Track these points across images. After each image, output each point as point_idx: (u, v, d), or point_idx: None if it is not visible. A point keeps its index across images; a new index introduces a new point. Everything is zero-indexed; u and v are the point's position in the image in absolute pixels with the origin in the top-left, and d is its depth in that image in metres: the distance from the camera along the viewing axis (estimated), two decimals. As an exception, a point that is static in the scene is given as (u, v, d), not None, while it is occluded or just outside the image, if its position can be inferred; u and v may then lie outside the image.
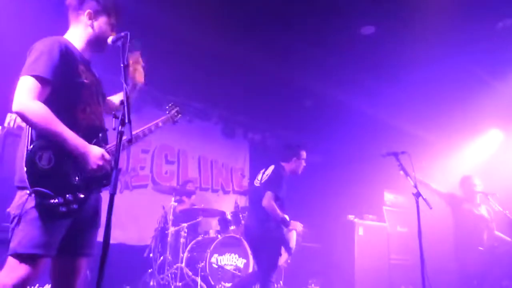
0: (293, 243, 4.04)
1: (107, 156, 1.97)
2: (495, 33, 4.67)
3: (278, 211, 3.92)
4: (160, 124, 2.52)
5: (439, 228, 5.48)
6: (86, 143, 1.95)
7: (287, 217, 3.95)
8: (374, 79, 5.75)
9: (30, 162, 1.82)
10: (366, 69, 5.54)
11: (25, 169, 1.81)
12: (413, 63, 5.25)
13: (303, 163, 4.35)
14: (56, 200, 1.83)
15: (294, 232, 4.05)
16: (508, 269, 4.99)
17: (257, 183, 4.25)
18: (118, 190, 1.92)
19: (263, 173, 4.24)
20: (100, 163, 1.93)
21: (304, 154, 4.34)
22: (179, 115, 2.80)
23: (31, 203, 1.84)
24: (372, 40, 4.87)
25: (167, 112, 2.74)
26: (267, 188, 3.97)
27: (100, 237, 1.82)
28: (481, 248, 4.96)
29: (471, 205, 5.18)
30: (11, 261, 1.81)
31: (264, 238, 3.93)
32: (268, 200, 3.89)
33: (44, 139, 1.87)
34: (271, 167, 4.20)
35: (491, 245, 5.01)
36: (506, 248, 5.04)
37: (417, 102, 6.14)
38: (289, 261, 4.67)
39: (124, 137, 1.79)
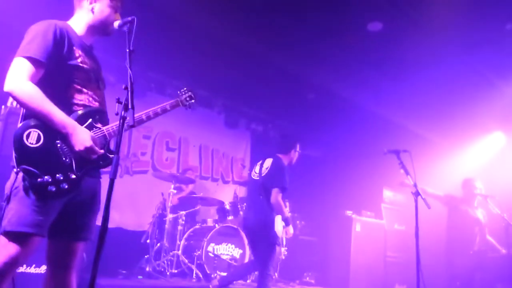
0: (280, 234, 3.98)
1: (89, 143, 1.92)
2: (504, 35, 4.63)
3: (285, 209, 3.94)
4: (169, 108, 2.37)
5: (436, 228, 5.50)
6: (76, 124, 1.94)
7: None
8: (379, 76, 5.72)
9: (18, 140, 1.83)
10: (371, 66, 5.50)
11: (13, 146, 1.82)
12: (419, 62, 5.22)
13: (298, 155, 4.34)
14: (44, 179, 1.82)
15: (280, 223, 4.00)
16: (498, 273, 5.01)
17: (255, 176, 4.19)
18: (118, 175, 1.91)
19: (261, 165, 4.19)
20: (87, 145, 1.90)
21: (299, 146, 4.31)
22: (192, 100, 2.57)
23: (20, 181, 1.85)
24: (379, 37, 4.83)
25: (179, 96, 2.55)
26: (273, 184, 3.93)
27: (98, 221, 1.82)
28: (471, 252, 4.99)
29: (467, 207, 5.20)
30: (1, 239, 1.82)
31: (262, 231, 3.94)
32: (275, 197, 3.86)
33: (35, 118, 1.87)
34: (269, 160, 4.14)
35: (481, 250, 5.05)
36: (495, 255, 5.07)
37: (421, 101, 6.11)
38: (285, 253, 4.69)
39: (127, 122, 1.78)
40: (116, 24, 2.12)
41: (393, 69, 5.49)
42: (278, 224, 3.90)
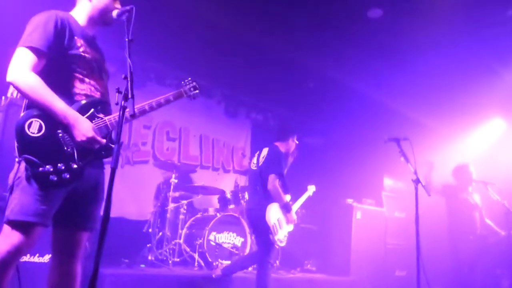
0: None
1: (91, 133, 1.93)
2: (505, 21, 4.59)
3: (282, 195, 3.96)
4: (172, 98, 2.33)
5: (436, 215, 5.52)
6: (78, 114, 1.94)
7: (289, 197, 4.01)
8: (379, 63, 5.69)
9: (20, 129, 1.84)
10: (371, 53, 5.47)
11: (15, 136, 1.84)
12: (419, 48, 5.19)
13: (295, 145, 4.38)
14: (46, 168, 1.83)
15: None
16: (499, 257, 5.07)
17: (253, 166, 4.23)
18: (119, 165, 1.92)
19: (258, 155, 4.22)
20: (89, 135, 1.91)
21: (296, 137, 4.37)
22: (196, 91, 2.52)
23: (22, 171, 1.86)
24: (379, 24, 4.79)
25: (182, 86, 2.51)
26: (269, 171, 3.94)
27: (100, 211, 1.83)
28: (471, 237, 5.03)
29: (464, 193, 5.23)
30: (5, 228, 1.84)
31: (257, 221, 3.96)
32: (272, 183, 3.88)
33: (36, 107, 1.89)
34: (266, 149, 4.18)
35: (482, 234, 5.09)
36: (496, 238, 5.11)
37: (421, 88, 6.09)
38: (283, 241, 4.71)
39: (126, 110, 1.78)
40: (114, 13, 2.12)
41: (393, 56, 5.46)
42: (271, 212, 3.91)
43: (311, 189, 4.82)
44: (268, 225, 3.87)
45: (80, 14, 2.20)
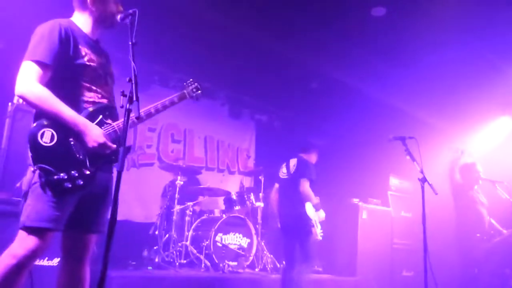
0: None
1: (102, 139, 1.98)
2: (509, 18, 4.55)
3: (313, 196, 4.44)
4: (176, 100, 2.39)
5: (443, 214, 5.49)
6: (87, 121, 1.99)
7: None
8: (383, 62, 5.66)
9: (32, 139, 1.89)
10: (375, 52, 5.45)
11: (28, 146, 1.89)
12: (424, 47, 5.15)
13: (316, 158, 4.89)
14: (60, 176, 1.89)
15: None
16: (507, 257, 5.02)
17: (284, 175, 4.67)
18: (125, 168, 1.94)
19: (287, 165, 4.67)
20: (100, 141, 1.96)
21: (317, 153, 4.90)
22: (199, 91, 2.56)
23: (37, 179, 1.91)
24: (383, 22, 4.77)
25: (185, 88, 2.55)
26: (301, 176, 4.44)
27: (108, 214, 1.85)
28: (478, 235, 5.00)
29: (473, 192, 5.20)
30: (21, 234, 1.89)
31: (299, 221, 4.36)
32: (303, 186, 4.38)
33: (47, 117, 1.93)
34: (295, 160, 4.64)
35: (489, 233, 5.06)
36: (502, 237, 5.08)
37: (426, 87, 6.06)
38: (321, 234, 4.81)
39: (132, 115, 1.81)
40: (118, 17, 2.14)
41: (397, 54, 5.43)
42: (310, 209, 4.41)
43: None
44: (310, 218, 4.34)
45: (82, 19, 2.22)
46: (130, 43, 1.90)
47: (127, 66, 1.84)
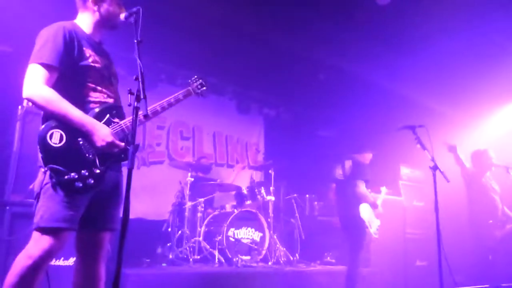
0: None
1: (110, 138, 2.01)
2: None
3: (369, 196, 4.74)
4: (181, 97, 2.43)
5: (456, 202, 5.44)
6: (95, 121, 2.01)
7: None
8: (390, 51, 5.59)
9: (42, 141, 1.91)
10: (381, 41, 5.38)
11: (38, 148, 1.91)
12: (431, 34, 5.08)
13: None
14: (71, 176, 1.91)
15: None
16: None
17: (340, 176, 4.82)
18: (135, 166, 1.96)
19: (343, 167, 4.82)
20: (109, 140, 1.98)
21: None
22: (204, 87, 2.62)
23: (48, 180, 1.93)
24: (388, 11, 4.70)
25: (190, 84, 2.59)
26: (356, 177, 4.67)
27: (120, 212, 1.87)
28: (490, 221, 4.96)
29: (484, 178, 5.15)
30: (35, 234, 1.92)
31: (352, 222, 4.55)
32: (360, 188, 4.64)
33: (55, 119, 1.95)
34: (350, 161, 4.80)
35: (502, 220, 5.02)
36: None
37: (435, 75, 5.98)
38: (376, 234, 4.88)
39: (140, 113, 1.82)
40: (122, 16, 2.15)
41: (404, 43, 5.36)
42: (365, 210, 4.60)
43: (384, 190, 5.48)
44: (364, 220, 4.52)
45: (86, 21, 2.24)
46: (135, 41, 1.91)
47: (134, 66, 1.85)
